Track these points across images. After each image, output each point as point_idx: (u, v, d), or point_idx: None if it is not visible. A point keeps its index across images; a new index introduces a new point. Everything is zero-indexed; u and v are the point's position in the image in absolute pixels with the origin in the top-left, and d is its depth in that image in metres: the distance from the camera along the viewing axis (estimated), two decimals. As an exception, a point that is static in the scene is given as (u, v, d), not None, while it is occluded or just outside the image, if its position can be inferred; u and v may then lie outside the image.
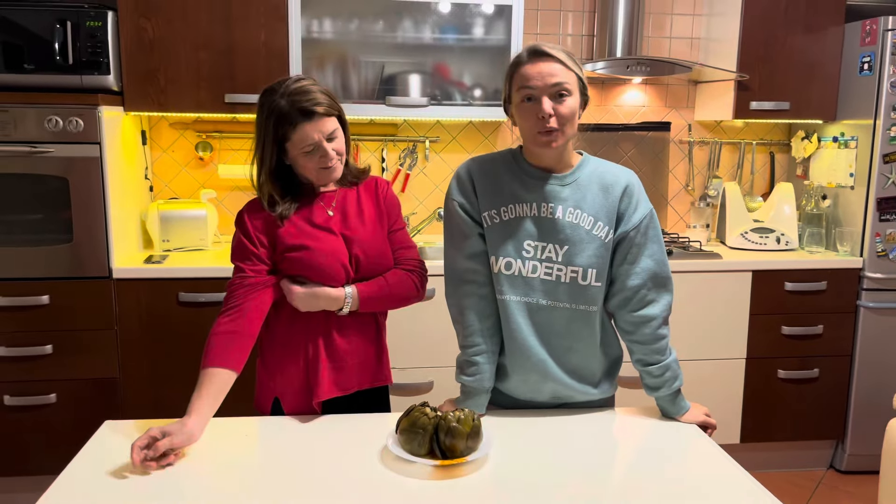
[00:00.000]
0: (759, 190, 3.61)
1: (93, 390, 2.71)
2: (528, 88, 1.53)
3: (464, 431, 1.41)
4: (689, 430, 1.63)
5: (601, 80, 3.39)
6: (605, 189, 1.61)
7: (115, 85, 2.73)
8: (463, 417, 1.42)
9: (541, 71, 1.52)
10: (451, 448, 1.41)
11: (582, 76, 1.57)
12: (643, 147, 3.46)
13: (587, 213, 1.59)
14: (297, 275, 1.67)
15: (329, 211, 1.71)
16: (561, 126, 1.53)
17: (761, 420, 3.12)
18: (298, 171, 1.67)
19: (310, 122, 1.60)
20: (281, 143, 1.63)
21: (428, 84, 3.02)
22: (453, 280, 1.66)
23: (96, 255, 2.64)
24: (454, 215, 1.65)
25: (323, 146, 1.61)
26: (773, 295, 3.04)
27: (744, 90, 3.13)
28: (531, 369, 1.63)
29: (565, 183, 1.61)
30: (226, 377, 1.55)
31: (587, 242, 1.58)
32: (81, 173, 2.60)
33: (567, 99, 1.53)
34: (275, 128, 1.61)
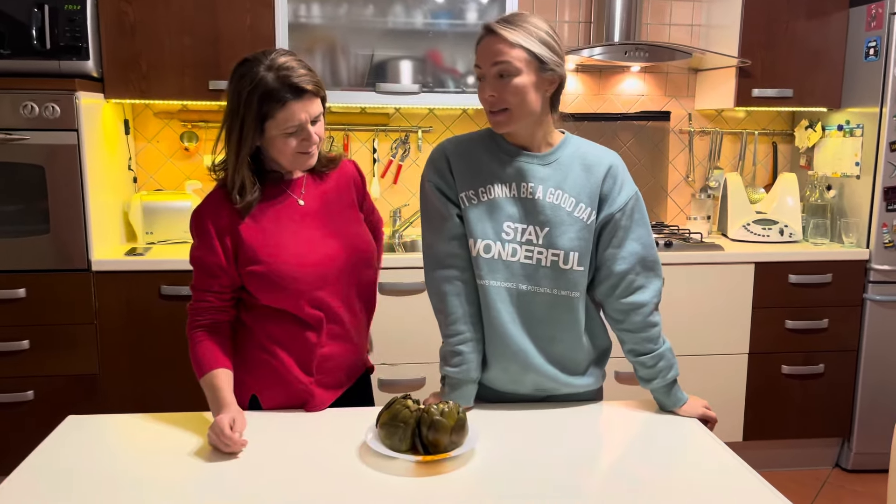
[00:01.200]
0: (762, 181, 3.52)
1: (72, 387, 2.61)
2: (477, 68, 1.48)
3: (448, 425, 1.31)
4: (684, 422, 1.53)
5: (598, 67, 3.29)
6: (587, 169, 1.54)
7: (94, 71, 2.64)
8: (447, 410, 1.33)
9: (486, 49, 1.45)
10: (434, 443, 1.31)
11: (537, 50, 1.44)
12: (642, 137, 3.37)
13: (569, 193, 1.52)
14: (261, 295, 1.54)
15: (300, 200, 1.60)
16: (509, 106, 1.45)
17: (765, 417, 3.02)
18: (272, 154, 1.52)
19: (298, 101, 1.46)
20: (262, 122, 1.48)
21: (420, 71, 2.92)
22: (433, 265, 1.57)
23: (75, 247, 2.55)
24: (430, 197, 1.56)
25: (307, 128, 1.50)
26: (776, 288, 2.94)
27: (745, 77, 3.04)
28: (511, 358, 1.54)
29: (546, 162, 1.53)
30: (229, 374, 1.52)
31: (568, 224, 1.50)
32: (59, 161, 2.50)
33: (511, 80, 1.43)
34: (259, 103, 1.45)
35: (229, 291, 1.56)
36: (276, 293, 1.53)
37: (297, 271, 1.52)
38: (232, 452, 1.36)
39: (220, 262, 1.52)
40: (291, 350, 1.57)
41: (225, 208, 1.53)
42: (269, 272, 1.51)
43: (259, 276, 1.52)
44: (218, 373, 1.49)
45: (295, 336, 1.57)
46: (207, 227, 1.52)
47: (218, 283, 1.54)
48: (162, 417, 1.54)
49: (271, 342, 1.58)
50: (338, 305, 1.59)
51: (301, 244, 1.55)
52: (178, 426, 1.49)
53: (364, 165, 3.23)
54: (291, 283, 1.51)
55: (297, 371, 1.57)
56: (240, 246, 1.52)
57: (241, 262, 1.53)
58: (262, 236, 1.53)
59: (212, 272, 1.53)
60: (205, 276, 1.54)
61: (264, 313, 1.57)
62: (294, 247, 1.54)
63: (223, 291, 1.55)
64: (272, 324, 1.57)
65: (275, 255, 1.52)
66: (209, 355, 1.51)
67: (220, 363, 1.51)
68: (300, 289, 1.52)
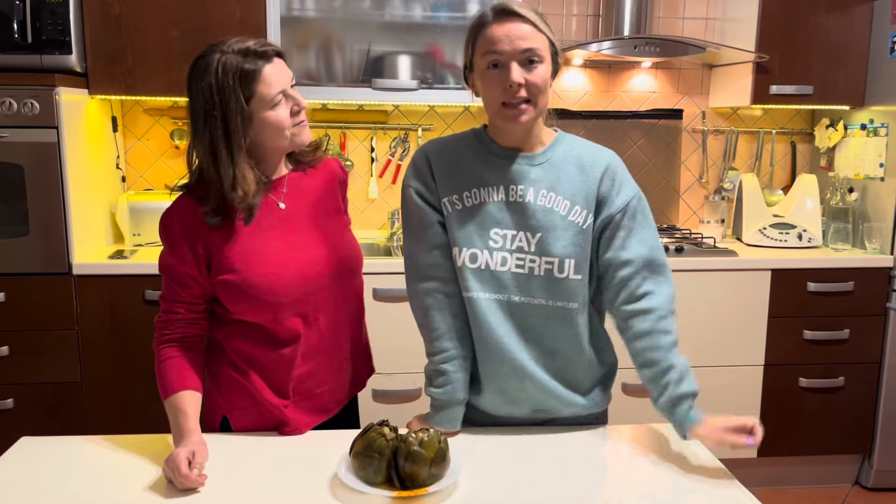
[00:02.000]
0: (780, 183, 3.35)
1: (53, 394, 2.51)
2: (495, 53, 1.32)
3: (427, 456, 1.18)
4: (697, 452, 1.39)
5: (607, 63, 3.15)
6: (582, 169, 1.40)
7: (78, 66, 2.53)
8: (426, 440, 1.20)
9: (509, 33, 1.31)
10: (411, 476, 1.19)
11: (554, 40, 1.37)
12: (653, 136, 3.21)
13: (562, 196, 1.38)
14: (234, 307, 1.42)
15: (280, 203, 1.47)
16: (532, 97, 1.33)
17: (781, 432, 2.86)
18: (267, 140, 1.38)
19: (270, 65, 1.34)
20: (244, 104, 1.33)
21: (418, 66, 2.79)
22: (414, 277, 1.44)
23: (55, 250, 2.44)
24: (410, 203, 1.44)
25: (291, 92, 1.37)
26: (794, 296, 2.78)
27: (763, 73, 2.88)
28: (508, 374, 1.40)
29: (536, 162, 1.40)
30: (196, 397, 1.40)
31: (563, 229, 1.37)
32: (38, 161, 2.39)
33: (539, 66, 1.33)
34: (234, 85, 1.31)
35: (202, 302, 1.43)
36: (249, 305, 1.40)
37: (275, 281, 1.39)
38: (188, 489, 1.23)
39: (192, 270, 1.39)
40: (264, 370, 1.44)
41: (197, 212, 1.40)
42: (243, 282, 1.38)
43: (232, 286, 1.39)
44: (184, 396, 1.37)
45: (268, 355, 1.44)
46: (177, 233, 1.39)
47: (189, 293, 1.41)
48: (121, 440, 1.42)
49: (243, 361, 1.45)
50: (319, 319, 1.46)
51: (280, 252, 1.42)
52: (137, 450, 1.37)
53: (362, 164, 3.10)
54: (267, 293, 1.39)
55: (270, 394, 1.44)
56: (212, 253, 1.40)
57: (213, 271, 1.40)
58: (237, 243, 1.40)
59: (183, 282, 1.41)
60: (175, 286, 1.41)
61: (236, 329, 1.45)
62: (272, 254, 1.41)
63: (195, 302, 1.43)
64: (243, 341, 1.44)
65: (250, 264, 1.39)
66: (176, 375, 1.39)
67: (187, 384, 1.38)
68: (277, 301, 1.39)
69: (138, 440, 1.42)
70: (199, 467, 1.25)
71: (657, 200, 3.26)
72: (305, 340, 1.44)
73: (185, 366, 1.40)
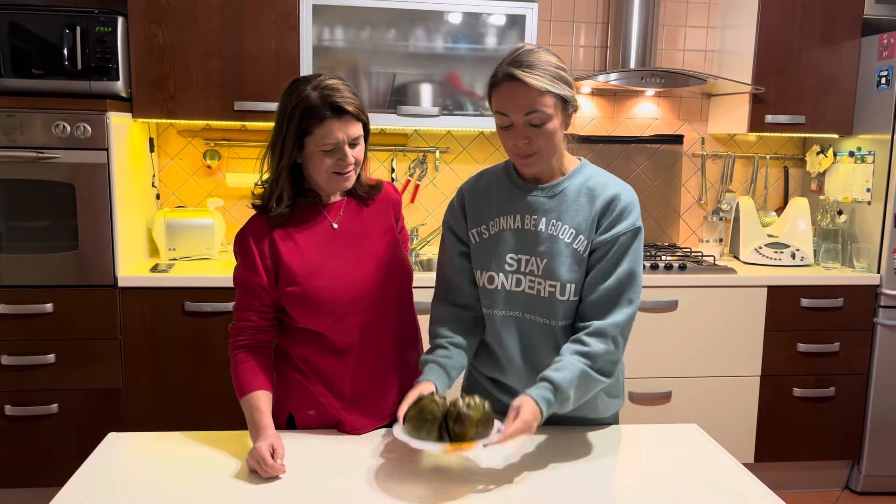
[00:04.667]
0: (773, 204, 3.57)
1: (95, 401, 2.65)
2: (503, 115, 1.47)
3: (474, 418, 1.36)
4: (711, 451, 1.57)
5: (614, 91, 3.35)
6: (591, 199, 1.55)
7: (123, 91, 2.70)
8: (473, 404, 1.37)
9: (514, 100, 1.44)
10: (460, 436, 1.36)
11: (562, 92, 1.45)
12: (655, 160, 3.42)
13: (568, 224, 1.54)
14: (298, 316, 1.60)
15: (334, 223, 1.66)
16: (539, 150, 1.49)
17: (776, 439, 3.05)
18: (309, 172, 1.58)
19: (337, 120, 1.52)
20: (302, 137, 1.53)
21: (439, 94, 2.98)
22: (436, 290, 1.67)
23: (102, 263, 2.60)
24: (444, 232, 1.68)
25: (344, 149, 1.54)
26: (788, 311, 2.98)
27: (759, 103, 3.10)
28: (520, 381, 1.59)
29: (552, 193, 1.56)
30: (268, 396, 1.57)
31: (566, 256, 1.52)
32: (88, 180, 2.56)
33: (545, 126, 1.45)
34: (300, 118, 1.51)
35: (271, 311, 1.61)
36: (312, 314, 1.57)
37: (333, 293, 1.57)
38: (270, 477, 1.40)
39: (263, 281, 1.57)
40: (324, 374, 1.61)
41: (266, 231, 1.58)
42: (304, 293, 1.56)
43: (295, 297, 1.57)
44: (258, 395, 1.53)
45: (327, 360, 1.61)
46: (251, 248, 1.57)
47: (260, 302, 1.58)
48: (199, 437, 1.58)
49: (306, 366, 1.62)
50: (375, 329, 1.63)
51: (337, 267, 1.60)
52: (217, 445, 1.53)
53: (382, 185, 3.28)
54: (327, 304, 1.56)
55: (330, 396, 1.61)
56: (280, 266, 1.57)
57: (280, 283, 1.58)
58: (301, 258, 1.58)
59: (255, 292, 1.58)
60: (248, 296, 1.59)
61: (299, 338, 1.62)
62: (329, 269, 1.59)
63: (266, 311, 1.60)
64: (306, 348, 1.62)
65: (311, 277, 1.57)
66: (250, 376, 1.55)
67: (260, 385, 1.55)
68: (335, 311, 1.57)
69: (216, 436, 1.58)
70: (280, 457, 1.42)
71: (659, 220, 3.46)
72: (361, 347, 1.61)
73: (257, 368, 1.57)
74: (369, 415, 1.64)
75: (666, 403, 2.97)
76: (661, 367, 2.94)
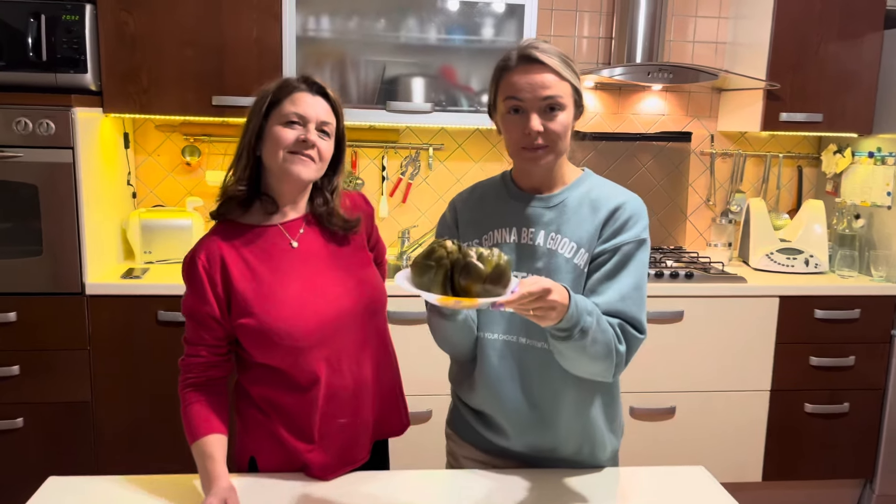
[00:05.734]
0: (786, 206, 3.38)
1: (64, 414, 2.50)
2: (516, 100, 1.35)
3: (483, 272, 1.13)
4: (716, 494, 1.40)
5: (618, 85, 3.16)
6: (594, 210, 1.40)
7: (93, 84, 2.52)
8: (486, 255, 1.15)
9: (531, 81, 1.33)
10: (465, 289, 1.14)
11: (578, 85, 1.38)
12: (662, 158, 3.23)
13: (568, 237, 1.39)
14: (254, 351, 1.43)
15: (293, 242, 1.48)
16: (551, 143, 1.35)
17: (786, 457, 2.89)
18: (267, 160, 1.42)
19: (310, 94, 1.43)
20: (269, 110, 1.42)
21: (432, 88, 2.80)
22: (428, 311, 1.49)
23: (68, 270, 2.43)
24: None
25: (308, 126, 1.41)
26: (801, 323, 2.81)
27: (774, 100, 2.90)
28: (507, 411, 1.44)
29: (550, 205, 1.42)
30: (222, 440, 1.40)
31: (566, 272, 1.38)
32: (52, 180, 2.39)
33: (559, 114, 1.35)
34: (274, 92, 1.43)
35: (224, 344, 1.44)
36: (269, 350, 1.41)
37: (292, 325, 1.40)
38: None
39: (213, 312, 1.40)
40: (288, 414, 1.45)
41: (218, 253, 1.41)
42: (261, 326, 1.39)
43: (250, 330, 1.40)
44: (210, 440, 1.37)
45: (290, 399, 1.44)
46: (199, 274, 1.40)
47: (212, 335, 1.42)
48: (147, 482, 1.42)
49: (266, 405, 1.46)
50: (341, 362, 1.46)
51: (298, 294, 1.43)
52: (165, 492, 1.37)
53: (372, 183, 3.11)
54: (286, 338, 1.39)
55: (293, 438, 1.44)
56: (232, 294, 1.40)
57: (233, 314, 1.41)
58: (255, 284, 1.41)
59: (205, 323, 1.41)
60: (197, 328, 1.42)
61: (257, 374, 1.45)
62: (289, 297, 1.42)
63: (218, 344, 1.43)
64: (265, 386, 1.45)
65: (267, 307, 1.40)
66: (201, 419, 1.39)
67: (212, 428, 1.39)
68: (296, 345, 1.40)
69: (165, 481, 1.42)
70: None
71: (665, 222, 3.28)
72: (328, 383, 1.44)
73: (209, 409, 1.40)
74: (340, 457, 1.47)
75: (669, 419, 2.80)
76: (664, 382, 2.78)
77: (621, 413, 1.56)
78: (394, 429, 1.61)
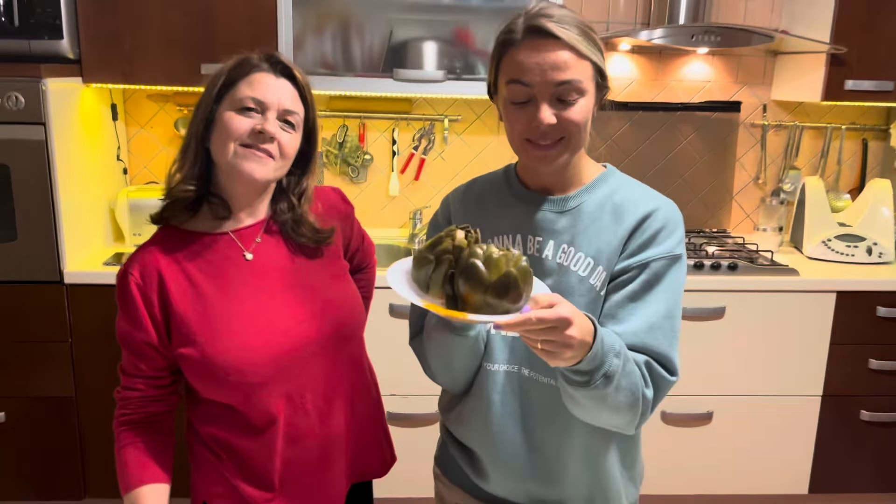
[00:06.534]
0: (847, 185, 3.01)
1: (46, 410, 2.34)
2: (522, 84, 1.06)
3: (485, 279, 0.89)
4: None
5: (658, 49, 2.81)
6: (617, 218, 1.13)
7: (70, 52, 2.30)
8: (495, 257, 0.90)
9: (542, 62, 1.04)
10: (465, 298, 0.91)
11: (601, 63, 1.09)
12: (706, 131, 2.89)
13: (584, 252, 1.12)
14: (199, 386, 1.20)
15: (247, 253, 1.24)
16: (566, 135, 1.08)
17: (836, 468, 2.59)
18: (215, 153, 1.17)
19: (273, 76, 1.18)
20: (224, 92, 1.18)
21: (445, 54, 2.49)
22: (412, 326, 1.28)
23: (45, 257, 2.24)
24: None
25: (267, 114, 1.16)
26: (861, 321, 2.48)
27: (838, 65, 2.53)
28: (506, 467, 1.19)
29: (564, 209, 1.15)
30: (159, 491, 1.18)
31: (579, 295, 1.11)
32: (25, 159, 2.18)
33: (578, 102, 1.07)
34: (230, 70, 1.19)
35: (166, 375, 1.22)
36: (215, 385, 1.18)
37: (242, 358, 1.16)
38: None
39: (150, 339, 1.17)
40: (242, 458, 1.22)
41: (154, 267, 1.18)
42: (205, 358, 1.16)
43: (193, 362, 1.17)
44: (144, 493, 1.16)
45: (245, 441, 1.22)
46: (132, 294, 1.17)
47: (150, 365, 1.19)
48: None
49: (218, 446, 1.23)
50: (305, 398, 1.23)
51: (250, 318, 1.19)
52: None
53: (382, 158, 2.84)
54: (233, 373, 1.15)
55: (249, 486, 1.22)
56: (171, 318, 1.17)
57: (173, 341, 1.18)
58: (200, 306, 1.17)
59: (141, 352, 1.19)
60: (133, 357, 1.20)
61: (206, 411, 1.23)
62: (240, 322, 1.18)
63: (157, 376, 1.21)
64: (215, 425, 1.22)
65: (214, 334, 1.16)
66: (136, 465, 1.18)
67: (148, 476, 1.17)
68: (246, 381, 1.16)
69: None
70: None
71: (708, 202, 2.94)
72: (288, 423, 1.21)
73: (146, 454, 1.19)
74: None
75: (706, 425, 2.53)
76: (700, 384, 2.49)
77: (641, 456, 1.30)
78: (374, 469, 1.38)
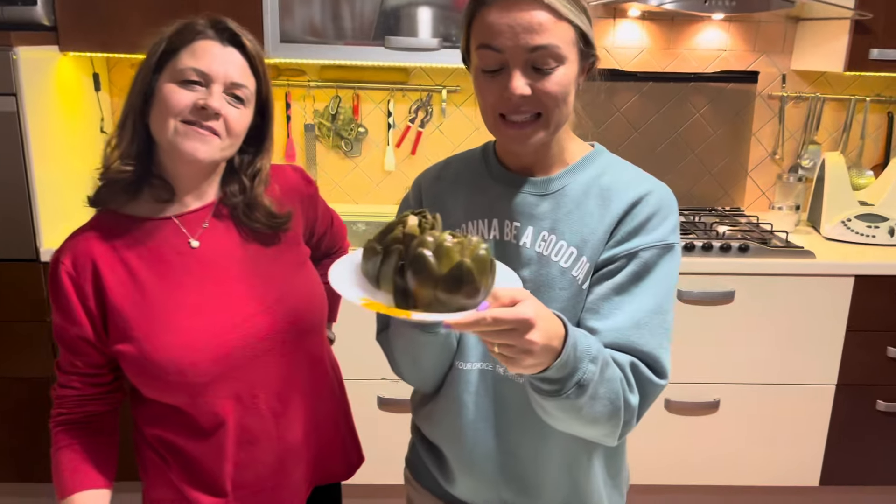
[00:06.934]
0: (870, 161, 2.84)
1: (26, 392, 2.27)
2: (492, 50, 0.94)
3: (434, 271, 0.77)
4: None
5: (670, 14, 2.64)
6: (604, 203, 1.01)
7: (45, 18, 2.18)
8: (447, 246, 0.78)
9: (514, 23, 0.92)
10: (414, 294, 0.79)
11: (584, 27, 0.96)
12: (720, 103, 2.72)
13: (566, 240, 1.01)
14: (139, 385, 1.10)
15: (192, 240, 1.12)
16: (544, 110, 0.96)
17: (850, 459, 2.47)
18: (155, 126, 1.07)
19: (219, 45, 1.06)
20: (163, 62, 1.07)
21: (441, 20, 2.35)
22: (380, 321, 1.14)
23: (20, 233, 2.16)
24: None
25: (211, 88, 1.05)
26: (879, 307, 2.33)
27: (863, 33, 2.35)
28: (477, 471, 1.08)
29: (546, 192, 1.03)
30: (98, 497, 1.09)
31: (559, 287, 1.00)
32: (-4, 132, 2.09)
33: (556, 70, 0.95)
34: (171, 38, 1.07)
35: (105, 372, 1.12)
36: (155, 385, 1.08)
37: (184, 357, 1.06)
38: None
39: (86, 333, 1.08)
40: (189, 462, 1.13)
41: (88, 255, 1.07)
42: (143, 356, 1.05)
43: (131, 360, 1.07)
44: (81, 499, 1.07)
45: (191, 444, 1.12)
46: (63, 285, 1.07)
47: (86, 361, 1.10)
48: None
49: (164, 448, 1.14)
50: (258, 397, 1.13)
51: (195, 310, 1.09)
52: None
53: (377, 131, 2.71)
54: (173, 373, 1.05)
55: (198, 493, 1.12)
56: (108, 310, 1.07)
57: (111, 336, 1.08)
58: (139, 298, 1.07)
59: (76, 348, 1.09)
60: (69, 354, 1.10)
61: (150, 411, 1.13)
62: (183, 315, 1.08)
63: (95, 373, 1.11)
64: (161, 427, 1.13)
65: (152, 328, 1.06)
66: (72, 469, 1.09)
67: (83, 482, 1.08)
68: (189, 381, 1.06)
69: None
70: None
71: (721, 178, 2.79)
72: (239, 426, 1.11)
73: (83, 457, 1.10)
74: None
75: (712, 414, 2.41)
76: (707, 371, 2.37)
77: (626, 461, 1.19)
78: (338, 471, 1.28)
